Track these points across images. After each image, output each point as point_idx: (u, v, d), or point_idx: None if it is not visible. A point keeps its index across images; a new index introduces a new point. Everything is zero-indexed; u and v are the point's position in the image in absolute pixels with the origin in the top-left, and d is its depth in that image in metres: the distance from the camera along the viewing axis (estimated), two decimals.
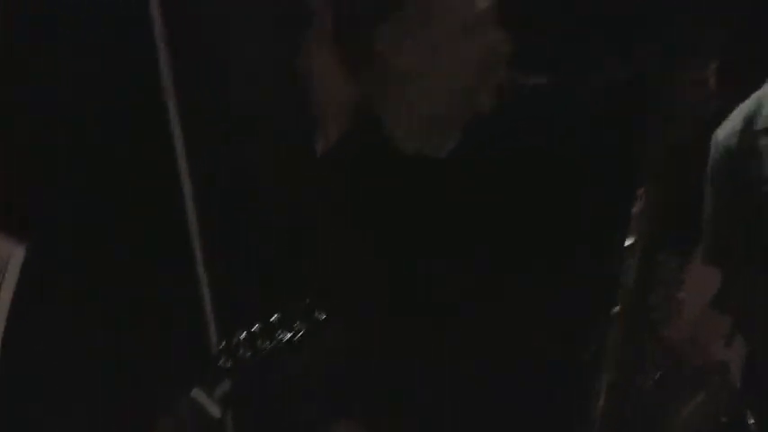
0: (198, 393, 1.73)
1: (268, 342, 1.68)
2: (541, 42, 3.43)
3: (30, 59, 3.15)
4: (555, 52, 3.08)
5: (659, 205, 2.12)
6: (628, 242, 2.26)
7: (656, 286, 2.36)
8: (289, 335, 1.69)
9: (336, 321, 1.69)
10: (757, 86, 3.15)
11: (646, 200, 2.11)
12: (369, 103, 2.16)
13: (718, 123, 3.19)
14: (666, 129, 2.14)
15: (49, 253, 2.99)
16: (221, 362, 1.68)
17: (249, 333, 1.70)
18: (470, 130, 2.17)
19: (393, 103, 2.15)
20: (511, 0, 2.22)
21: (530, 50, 2.24)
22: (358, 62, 2.19)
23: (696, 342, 2.58)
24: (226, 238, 2.98)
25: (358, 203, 2.07)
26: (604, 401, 2.19)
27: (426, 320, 2.03)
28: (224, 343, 1.70)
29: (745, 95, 3.17)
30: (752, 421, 2.58)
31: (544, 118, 2.40)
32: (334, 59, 2.19)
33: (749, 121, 3.11)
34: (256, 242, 2.15)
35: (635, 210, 2.10)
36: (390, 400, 2.06)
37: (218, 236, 3.03)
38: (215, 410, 1.71)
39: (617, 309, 2.19)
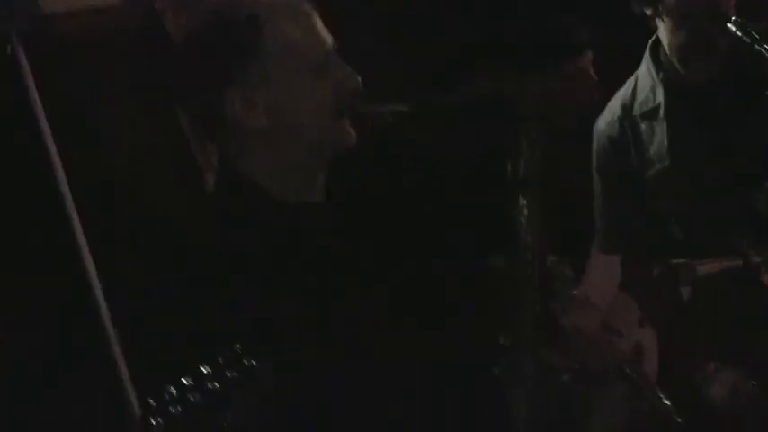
0: None
1: (198, 395, 1.66)
2: (396, 69, 3.49)
3: None
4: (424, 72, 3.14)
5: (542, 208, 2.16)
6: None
7: (551, 282, 2.40)
8: (219, 385, 1.67)
9: (267, 367, 1.68)
10: (630, 72, 3.24)
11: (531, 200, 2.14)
12: (231, 158, 2.16)
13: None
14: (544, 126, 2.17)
15: None
16: (150, 421, 1.65)
17: (178, 388, 1.67)
18: (342, 166, 2.18)
19: (256, 156, 2.14)
20: (356, 34, 2.22)
21: (384, 79, 2.26)
22: (212, 126, 2.18)
23: (610, 327, 2.63)
24: (135, 296, 2.94)
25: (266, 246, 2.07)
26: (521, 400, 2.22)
27: (355, 359, 2.03)
28: (151, 401, 1.68)
29: (620, 83, 3.25)
30: (668, 403, 2.64)
31: (415, 140, 2.43)
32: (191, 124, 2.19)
33: (627, 107, 3.19)
34: (169, 296, 2.13)
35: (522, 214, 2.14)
36: None
37: (126, 295, 3.00)
38: None
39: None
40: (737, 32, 2.83)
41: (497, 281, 2.17)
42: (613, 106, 3.22)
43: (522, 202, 2.11)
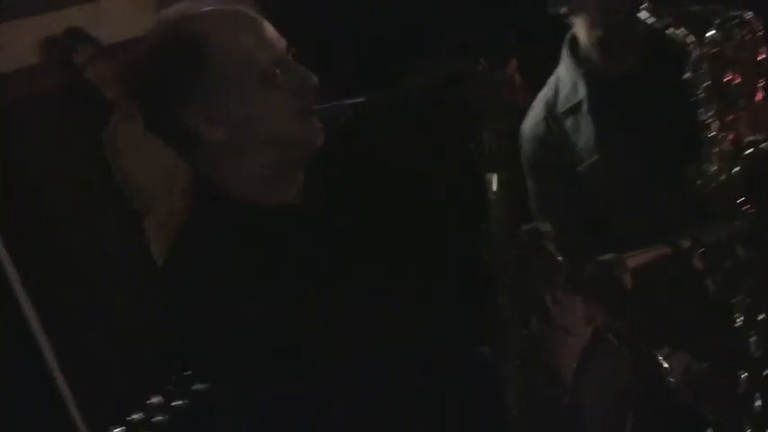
0: None
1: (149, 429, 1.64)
2: (350, 66, 3.51)
3: None
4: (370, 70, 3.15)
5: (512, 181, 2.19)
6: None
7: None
8: (170, 415, 1.66)
9: (223, 391, 1.68)
10: (550, 72, 3.27)
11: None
12: (205, 171, 2.16)
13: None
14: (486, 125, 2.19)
15: None
16: None
17: (127, 424, 1.66)
18: (315, 165, 2.20)
19: (228, 166, 2.16)
20: (306, 35, 2.25)
21: (338, 75, 2.28)
22: (180, 144, 2.18)
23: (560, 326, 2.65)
24: (79, 340, 2.92)
25: (227, 263, 2.06)
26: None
27: (311, 379, 2.03)
28: None
29: (542, 83, 3.28)
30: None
31: (376, 131, 2.44)
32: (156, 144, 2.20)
33: (550, 106, 3.22)
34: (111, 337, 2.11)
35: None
36: None
37: (69, 340, 2.97)
38: None
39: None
40: (651, 19, 2.86)
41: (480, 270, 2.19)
42: (537, 107, 3.25)
43: (491, 177, 2.13)
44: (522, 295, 2.18)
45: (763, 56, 2.82)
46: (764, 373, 2.48)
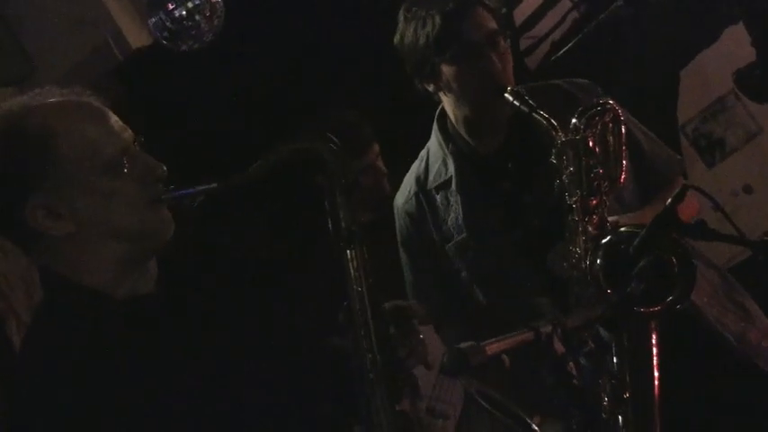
0: None
1: None
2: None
3: None
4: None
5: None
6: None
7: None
8: None
9: None
10: (421, 146, 3.34)
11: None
12: (54, 267, 2.17)
13: None
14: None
15: None
16: None
17: None
18: (166, 254, 2.22)
19: (79, 259, 2.15)
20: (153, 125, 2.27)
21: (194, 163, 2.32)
22: (23, 240, 2.18)
23: (435, 411, 2.71)
24: None
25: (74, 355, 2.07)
26: None
27: None
28: None
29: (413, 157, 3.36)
30: None
31: (230, 217, 2.48)
32: None
33: (422, 181, 3.29)
34: None
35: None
36: None
37: None
38: None
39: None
40: (515, 102, 2.94)
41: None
42: (409, 181, 3.31)
43: (349, 254, 2.17)
44: (391, 373, 2.21)
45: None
46: None
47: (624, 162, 2.90)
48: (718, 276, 3.15)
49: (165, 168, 2.18)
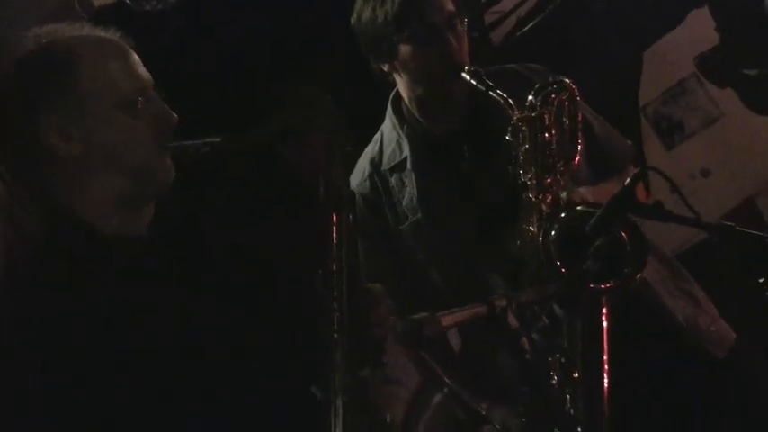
0: None
1: None
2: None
3: None
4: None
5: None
6: None
7: None
8: None
9: None
10: (375, 129, 3.38)
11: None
12: (54, 194, 2.25)
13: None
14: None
15: None
16: None
17: None
18: (165, 200, 2.30)
19: (81, 187, 2.26)
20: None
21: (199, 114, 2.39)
22: (32, 161, 2.27)
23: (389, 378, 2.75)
24: None
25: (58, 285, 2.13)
26: None
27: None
28: None
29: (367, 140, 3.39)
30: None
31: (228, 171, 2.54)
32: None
33: (376, 163, 3.33)
34: None
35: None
36: None
37: None
38: None
39: None
40: (472, 81, 2.99)
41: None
42: (362, 164, 3.34)
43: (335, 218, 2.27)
44: (357, 338, 2.27)
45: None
46: (579, 430, 2.61)
47: (579, 142, 2.95)
48: (664, 266, 3.21)
49: (176, 118, 2.32)
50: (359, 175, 3.33)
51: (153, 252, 2.30)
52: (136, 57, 2.34)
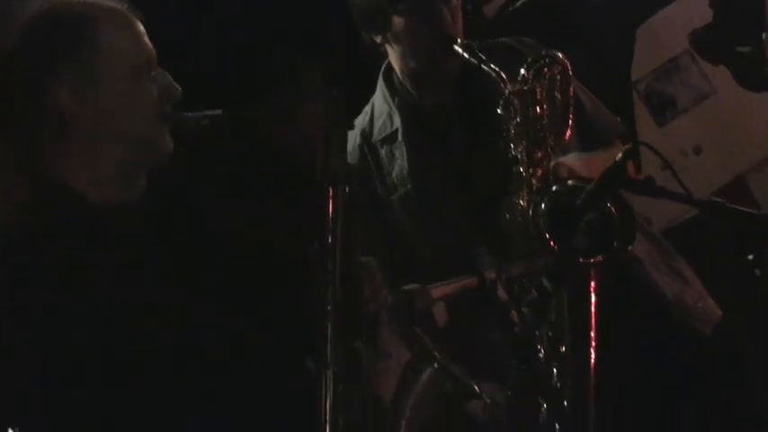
0: None
1: None
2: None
3: None
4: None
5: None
6: None
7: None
8: None
9: None
10: (365, 100, 3.38)
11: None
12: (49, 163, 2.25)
13: None
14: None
15: None
16: None
17: None
18: (157, 171, 2.31)
19: (79, 154, 2.28)
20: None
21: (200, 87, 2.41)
22: (34, 123, 2.30)
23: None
24: None
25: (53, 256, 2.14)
26: None
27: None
28: None
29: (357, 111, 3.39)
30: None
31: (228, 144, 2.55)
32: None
33: (366, 134, 3.34)
34: None
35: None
36: None
37: None
38: None
39: None
40: (465, 54, 2.99)
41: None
42: (352, 134, 3.29)
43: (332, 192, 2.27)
44: (351, 310, 2.28)
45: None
46: (565, 404, 2.62)
47: (570, 117, 2.95)
48: (653, 245, 3.22)
49: (180, 91, 2.36)
50: (349, 145, 3.13)
51: (145, 221, 2.32)
52: (143, 28, 2.38)
